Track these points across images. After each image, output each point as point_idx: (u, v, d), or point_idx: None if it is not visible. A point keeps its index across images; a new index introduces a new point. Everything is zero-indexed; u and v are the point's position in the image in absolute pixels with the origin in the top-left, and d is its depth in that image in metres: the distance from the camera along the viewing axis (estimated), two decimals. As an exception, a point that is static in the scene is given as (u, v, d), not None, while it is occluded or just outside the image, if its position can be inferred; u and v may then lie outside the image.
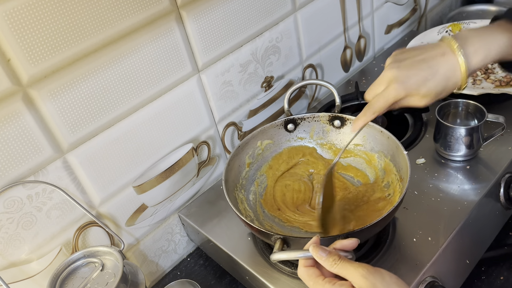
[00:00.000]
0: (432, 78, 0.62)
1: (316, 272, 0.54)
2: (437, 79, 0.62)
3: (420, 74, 0.62)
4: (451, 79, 0.62)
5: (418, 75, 0.62)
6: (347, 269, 0.52)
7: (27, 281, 0.70)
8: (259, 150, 0.87)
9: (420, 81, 0.62)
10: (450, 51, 0.62)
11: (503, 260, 0.83)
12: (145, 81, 0.75)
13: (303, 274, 0.55)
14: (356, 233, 0.63)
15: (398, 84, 0.62)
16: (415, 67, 0.62)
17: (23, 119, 0.63)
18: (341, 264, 0.52)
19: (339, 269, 0.52)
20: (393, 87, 0.63)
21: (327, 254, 0.53)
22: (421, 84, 0.62)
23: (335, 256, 0.53)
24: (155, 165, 0.82)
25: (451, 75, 0.62)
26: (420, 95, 0.63)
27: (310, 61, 1.07)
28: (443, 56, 0.62)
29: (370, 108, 0.65)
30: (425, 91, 0.62)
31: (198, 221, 0.87)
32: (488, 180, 0.81)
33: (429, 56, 0.63)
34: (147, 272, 0.89)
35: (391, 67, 0.64)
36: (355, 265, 0.52)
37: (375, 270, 0.51)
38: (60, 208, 0.71)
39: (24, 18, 0.59)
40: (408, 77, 0.62)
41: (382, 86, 0.64)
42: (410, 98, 0.64)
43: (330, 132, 0.89)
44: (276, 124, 0.88)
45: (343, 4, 1.08)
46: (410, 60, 0.63)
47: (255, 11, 0.88)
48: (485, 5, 1.36)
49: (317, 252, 0.54)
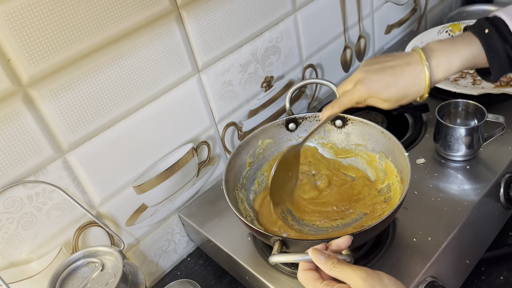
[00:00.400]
0: (394, 85, 0.66)
1: (314, 276, 0.54)
2: (398, 86, 0.66)
3: (383, 80, 0.66)
4: (412, 88, 0.66)
5: (382, 80, 0.66)
6: (346, 272, 0.52)
7: (27, 281, 0.70)
8: (260, 149, 0.87)
9: (382, 86, 0.66)
10: (416, 62, 0.66)
11: (503, 260, 0.83)
12: (145, 81, 0.75)
13: (302, 277, 0.55)
14: (356, 235, 0.63)
15: (363, 86, 0.67)
16: (381, 72, 0.67)
17: (23, 119, 0.63)
18: (340, 267, 0.53)
19: (337, 272, 0.53)
20: (358, 87, 0.68)
21: (326, 257, 0.54)
22: (383, 89, 0.66)
23: (334, 259, 0.53)
24: (155, 165, 0.82)
25: (412, 84, 0.65)
26: (382, 99, 0.67)
27: (310, 61, 1.07)
28: (408, 66, 0.66)
29: (337, 102, 0.71)
30: (385, 96, 0.67)
31: (198, 221, 0.87)
32: (488, 180, 0.81)
33: (396, 64, 0.67)
34: (147, 272, 0.89)
35: (361, 70, 0.69)
36: (354, 268, 0.52)
37: (374, 273, 0.52)
38: (60, 208, 0.71)
39: (24, 18, 0.59)
40: (373, 81, 0.67)
41: (350, 85, 0.70)
42: (373, 100, 0.68)
43: (332, 132, 0.89)
44: (278, 123, 0.88)
45: (343, 4, 1.08)
46: (379, 65, 0.68)
47: (255, 11, 0.88)
48: (485, 5, 1.36)
49: (316, 255, 0.54)
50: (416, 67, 0.65)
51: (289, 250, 0.66)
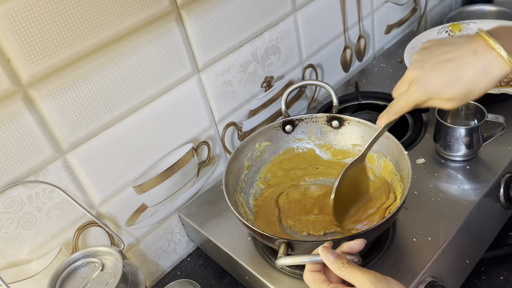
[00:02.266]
0: (457, 82, 0.55)
1: (322, 278, 0.54)
2: (463, 82, 0.55)
3: (443, 77, 0.56)
4: (481, 82, 0.55)
5: (442, 77, 0.56)
6: (355, 274, 0.51)
7: (27, 281, 0.70)
8: (258, 152, 0.87)
9: (443, 84, 0.56)
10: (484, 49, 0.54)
11: (503, 260, 0.83)
12: (145, 81, 0.75)
13: (309, 279, 0.55)
14: (360, 235, 0.63)
15: (419, 87, 0.57)
16: (439, 68, 0.56)
17: (23, 119, 0.63)
18: (349, 268, 0.52)
19: (346, 273, 0.52)
20: (413, 90, 0.58)
21: (336, 256, 0.53)
22: (444, 88, 0.56)
23: (344, 259, 0.53)
24: (155, 165, 0.82)
25: (480, 77, 0.54)
26: (444, 99, 0.57)
27: (310, 61, 1.07)
28: (475, 55, 0.54)
29: (392, 107, 0.62)
30: (449, 95, 0.56)
31: (198, 221, 0.87)
32: (488, 180, 0.81)
33: (458, 55, 0.55)
34: (147, 272, 0.89)
35: (414, 67, 0.59)
36: (363, 271, 0.51)
37: (383, 277, 0.51)
38: (60, 208, 0.71)
39: (24, 18, 0.59)
40: (430, 80, 0.56)
41: (405, 86, 0.60)
42: (434, 101, 0.58)
43: (329, 133, 0.89)
44: (274, 125, 0.88)
45: (343, 4, 1.08)
46: (435, 59, 0.57)
47: (255, 11, 0.88)
48: (485, 5, 1.36)
49: (326, 254, 0.53)
50: (486, 56, 0.53)
51: (293, 252, 0.66)
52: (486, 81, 0.54)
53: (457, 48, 0.56)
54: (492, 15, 1.35)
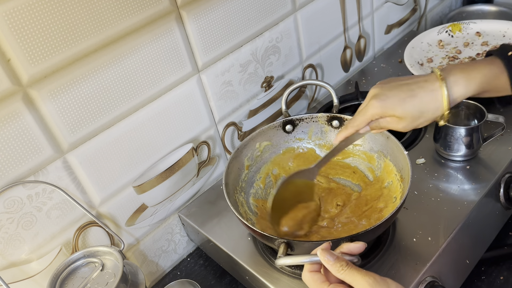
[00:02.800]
0: (409, 100, 0.62)
1: (321, 278, 0.54)
2: (414, 102, 0.62)
3: (399, 95, 0.63)
4: (429, 104, 0.62)
5: (397, 95, 0.63)
6: (354, 276, 0.51)
7: (27, 281, 0.70)
8: (258, 152, 0.87)
9: (397, 101, 0.63)
10: (434, 79, 0.63)
11: (503, 260, 0.83)
12: (145, 81, 0.75)
13: (308, 279, 0.55)
14: (360, 235, 0.63)
15: (376, 101, 0.64)
16: (396, 88, 0.64)
17: (23, 119, 0.63)
18: (348, 271, 0.52)
19: (345, 275, 0.52)
20: (371, 103, 0.65)
21: (335, 259, 0.53)
22: (397, 105, 0.63)
23: (343, 261, 0.53)
24: (155, 165, 0.82)
25: (429, 100, 0.62)
26: (396, 116, 0.64)
27: (310, 61, 1.07)
28: (425, 82, 0.63)
29: (351, 122, 0.68)
30: (400, 112, 0.63)
31: (198, 221, 0.87)
32: (488, 180, 0.81)
33: (413, 81, 0.64)
34: (147, 272, 0.89)
35: (376, 86, 0.66)
36: (363, 273, 0.51)
37: (382, 280, 0.51)
38: (60, 208, 0.71)
39: (24, 18, 0.59)
40: (387, 96, 0.64)
41: (365, 103, 0.67)
42: (388, 120, 0.65)
43: (329, 133, 0.89)
44: (274, 125, 0.88)
45: (343, 4, 1.08)
46: (395, 83, 0.65)
47: (255, 11, 0.88)
48: (485, 5, 1.36)
49: (325, 256, 0.53)
50: (434, 84, 0.63)
51: (293, 252, 0.66)
52: (434, 104, 0.62)
53: (412, 78, 0.65)
54: (492, 15, 1.35)
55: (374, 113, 0.65)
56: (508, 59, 0.62)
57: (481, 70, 0.63)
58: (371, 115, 0.65)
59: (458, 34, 1.16)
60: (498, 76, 0.62)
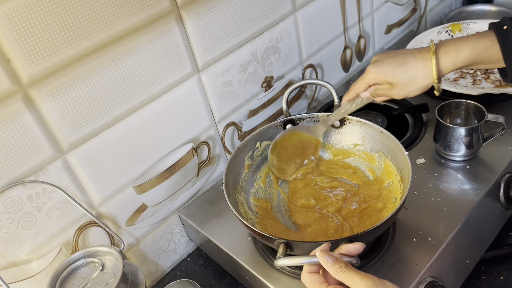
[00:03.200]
0: (401, 67, 0.69)
1: (320, 279, 0.54)
2: (405, 67, 0.69)
3: (393, 62, 0.70)
4: (419, 71, 0.68)
5: (392, 62, 0.70)
6: (353, 278, 0.51)
7: (27, 281, 0.70)
8: (258, 151, 0.87)
9: (390, 67, 0.70)
10: (426, 50, 0.69)
11: (503, 260, 0.83)
12: (145, 81, 0.75)
13: (307, 280, 0.55)
14: (360, 236, 0.63)
15: (372, 67, 0.72)
16: (393, 57, 0.71)
17: (23, 119, 0.63)
18: (347, 272, 0.52)
19: (344, 276, 0.52)
20: (368, 68, 0.73)
21: (334, 260, 0.53)
22: (390, 70, 0.70)
23: (342, 263, 0.53)
24: (155, 165, 0.82)
25: (419, 67, 0.68)
26: (389, 82, 0.70)
27: (310, 61, 1.07)
28: (419, 52, 0.69)
29: (353, 86, 0.76)
30: (392, 78, 0.70)
31: (198, 221, 0.87)
32: (488, 180, 0.81)
33: (408, 52, 0.71)
34: (147, 272, 0.89)
35: (375, 56, 0.74)
36: (361, 275, 0.51)
37: (380, 282, 0.51)
38: (60, 208, 0.71)
39: (24, 18, 0.59)
40: (383, 62, 0.71)
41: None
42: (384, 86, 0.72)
43: (329, 132, 0.89)
44: (275, 125, 0.87)
45: (343, 4, 1.08)
46: (393, 53, 0.72)
47: (255, 11, 0.88)
48: (485, 5, 1.36)
49: (324, 257, 0.53)
50: (426, 54, 0.68)
51: (293, 253, 0.66)
52: (423, 72, 0.68)
53: (407, 50, 0.72)
54: (492, 15, 1.35)
55: (370, 78, 0.72)
56: (501, 33, 0.64)
57: (471, 42, 0.66)
58: (368, 80, 0.73)
59: (458, 34, 1.16)
60: (489, 49, 0.65)
